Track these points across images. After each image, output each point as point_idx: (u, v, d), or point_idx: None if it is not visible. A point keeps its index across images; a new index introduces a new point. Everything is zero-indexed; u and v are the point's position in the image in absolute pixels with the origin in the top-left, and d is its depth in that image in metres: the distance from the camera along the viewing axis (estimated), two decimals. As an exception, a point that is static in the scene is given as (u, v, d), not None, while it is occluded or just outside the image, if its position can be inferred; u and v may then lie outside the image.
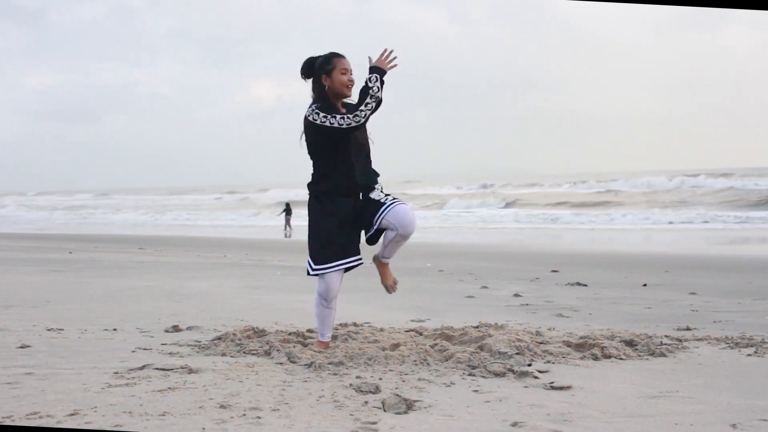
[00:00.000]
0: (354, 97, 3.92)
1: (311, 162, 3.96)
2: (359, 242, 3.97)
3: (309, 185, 3.99)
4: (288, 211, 28.71)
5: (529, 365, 3.58)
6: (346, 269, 3.89)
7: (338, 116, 3.79)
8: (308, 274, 3.91)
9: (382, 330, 4.63)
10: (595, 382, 3.35)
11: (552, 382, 3.27)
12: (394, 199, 3.93)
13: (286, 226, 27.95)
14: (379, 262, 4.07)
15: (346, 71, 3.87)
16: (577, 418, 2.76)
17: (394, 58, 3.89)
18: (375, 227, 3.89)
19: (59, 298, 6.14)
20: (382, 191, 3.98)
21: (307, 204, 3.98)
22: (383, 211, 3.86)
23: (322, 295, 3.87)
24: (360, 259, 3.91)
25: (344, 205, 3.89)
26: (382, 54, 3.89)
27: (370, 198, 3.94)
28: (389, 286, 4.11)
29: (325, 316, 3.93)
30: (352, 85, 3.88)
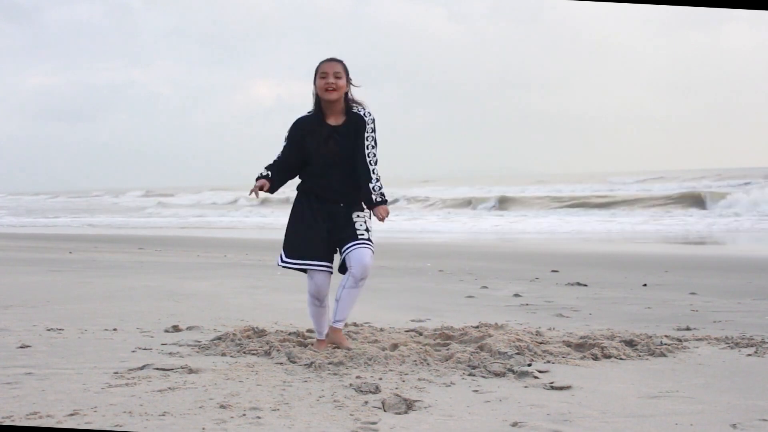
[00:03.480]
0: (348, 102, 3.98)
1: None
2: (331, 251, 3.97)
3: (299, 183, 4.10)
4: None
5: (529, 365, 3.58)
6: (331, 270, 3.93)
7: (286, 135, 4.01)
8: (278, 264, 3.98)
9: (382, 330, 4.64)
10: (595, 382, 3.35)
11: (552, 382, 3.27)
12: (365, 241, 3.89)
13: None
14: (331, 329, 3.99)
15: (326, 74, 3.90)
16: (577, 418, 2.76)
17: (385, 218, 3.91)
18: (351, 246, 3.89)
19: (59, 298, 6.14)
20: (364, 222, 3.95)
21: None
22: (348, 249, 3.89)
23: (313, 294, 3.94)
24: (329, 267, 3.92)
25: (319, 209, 3.94)
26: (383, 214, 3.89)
27: (350, 222, 3.93)
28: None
29: (319, 315, 4.00)
30: (331, 88, 3.88)
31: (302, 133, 3.98)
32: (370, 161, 3.92)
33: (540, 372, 3.47)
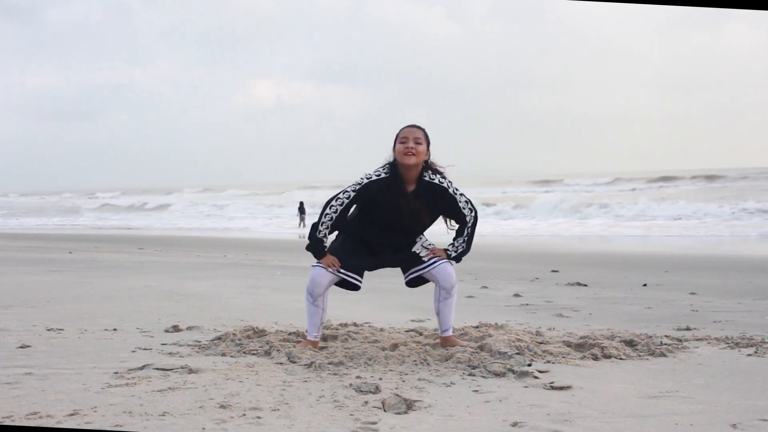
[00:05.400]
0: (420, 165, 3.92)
1: None
2: (367, 269, 4.05)
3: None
4: (302, 209, 29.20)
5: (529, 365, 3.58)
6: (341, 281, 3.99)
7: (349, 191, 3.93)
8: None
9: (382, 330, 4.64)
10: (595, 382, 3.35)
11: (552, 382, 3.27)
12: (437, 258, 4.02)
13: (300, 223, 28.36)
14: (443, 339, 4.06)
15: (406, 138, 3.88)
16: (577, 418, 2.76)
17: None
18: (415, 275, 4.03)
19: (59, 298, 6.14)
20: (421, 246, 4.05)
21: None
22: (427, 268, 4.01)
23: (309, 289, 3.98)
24: (358, 281, 4.00)
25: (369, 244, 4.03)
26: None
27: (408, 251, 4.03)
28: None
29: (312, 313, 3.99)
30: (411, 153, 3.85)
31: (374, 196, 3.91)
32: (466, 212, 4.01)
33: (540, 372, 3.47)
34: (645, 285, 7.89)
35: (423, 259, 4.02)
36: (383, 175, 3.92)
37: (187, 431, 2.52)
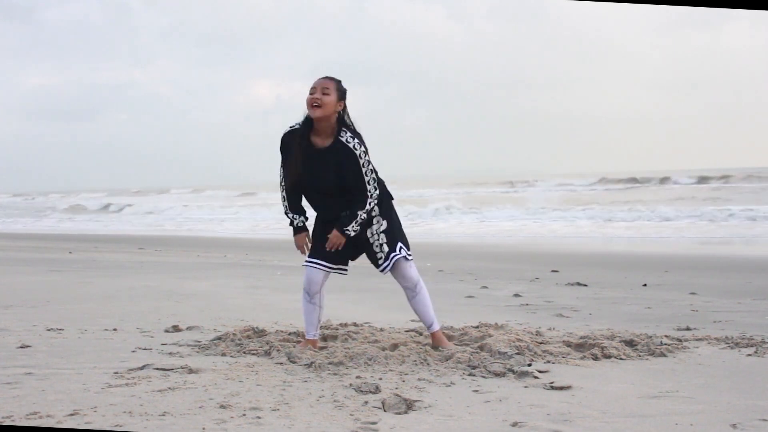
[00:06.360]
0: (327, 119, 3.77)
1: None
2: (338, 253, 3.97)
3: None
4: None
5: (529, 365, 3.58)
6: (329, 270, 3.98)
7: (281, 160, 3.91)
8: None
9: (382, 330, 4.64)
10: (595, 382, 3.35)
11: (552, 382, 3.27)
12: (391, 256, 3.96)
13: None
14: (431, 336, 4.06)
15: (314, 89, 3.76)
16: (577, 418, 2.76)
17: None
18: (382, 270, 4.00)
19: (59, 298, 6.14)
20: (378, 237, 3.97)
21: None
22: (383, 269, 3.97)
23: (305, 288, 3.98)
24: (342, 269, 4.01)
25: (327, 223, 3.98)
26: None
27: (366, 241, 3.98)
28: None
29: (309, 312, 3.99)
30: (316, 104, 3.72)
31: (289, 147, 3.87)
32: (369, 189, 3.81)
33: (540, 372, 3.47)
34: (645, 285, 7.89)
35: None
36: (297, 126, 3.85)
37: (187, 431, 2.52)
